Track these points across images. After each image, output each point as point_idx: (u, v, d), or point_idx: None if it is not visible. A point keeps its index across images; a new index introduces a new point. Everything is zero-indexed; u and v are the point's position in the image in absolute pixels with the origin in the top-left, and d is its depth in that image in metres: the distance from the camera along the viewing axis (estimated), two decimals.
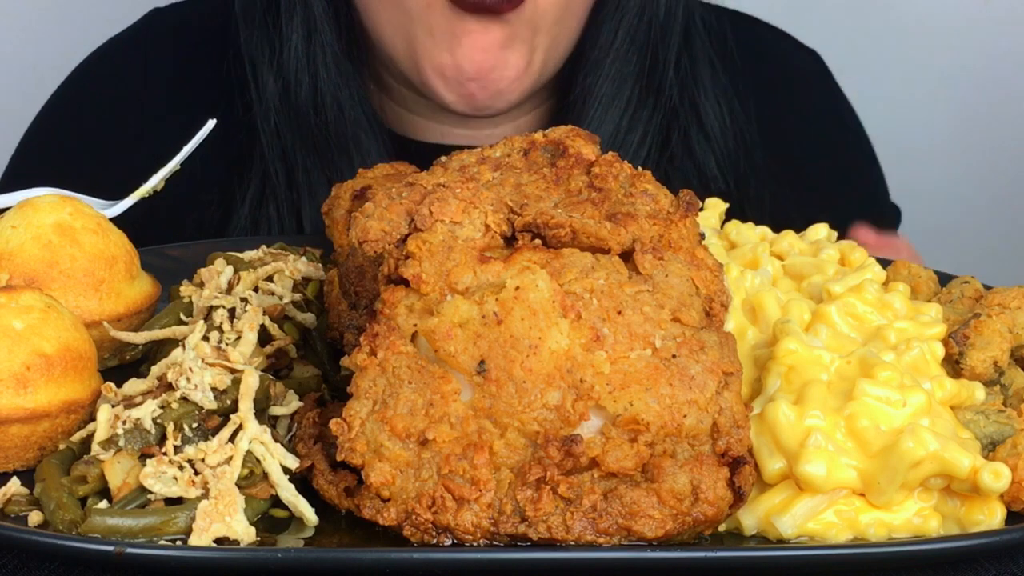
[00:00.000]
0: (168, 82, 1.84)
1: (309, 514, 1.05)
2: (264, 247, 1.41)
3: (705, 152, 1.76)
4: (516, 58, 1.61)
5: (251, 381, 1.11)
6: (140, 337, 1.25)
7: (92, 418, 1.11)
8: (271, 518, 1.06)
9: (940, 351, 1.15)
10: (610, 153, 1.14)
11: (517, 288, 1.02)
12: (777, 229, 1.37)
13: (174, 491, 1.04)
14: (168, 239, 1.55)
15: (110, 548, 0.96)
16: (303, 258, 1.38)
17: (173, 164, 1.43)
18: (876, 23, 2.70)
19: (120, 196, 1.43)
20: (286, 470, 1.07)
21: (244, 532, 1.01)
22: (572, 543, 0.99)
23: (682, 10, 1.73)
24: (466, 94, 1.62)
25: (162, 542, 1.01)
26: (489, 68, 1.59)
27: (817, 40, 1.97)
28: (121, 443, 1.07)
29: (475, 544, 1.00)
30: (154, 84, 1.84)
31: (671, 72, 1.73)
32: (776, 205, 1.77)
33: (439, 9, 1.58)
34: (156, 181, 1.43)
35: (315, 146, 1.71)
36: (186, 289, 1.33)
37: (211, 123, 1.44)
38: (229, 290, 1.31)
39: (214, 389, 1.10)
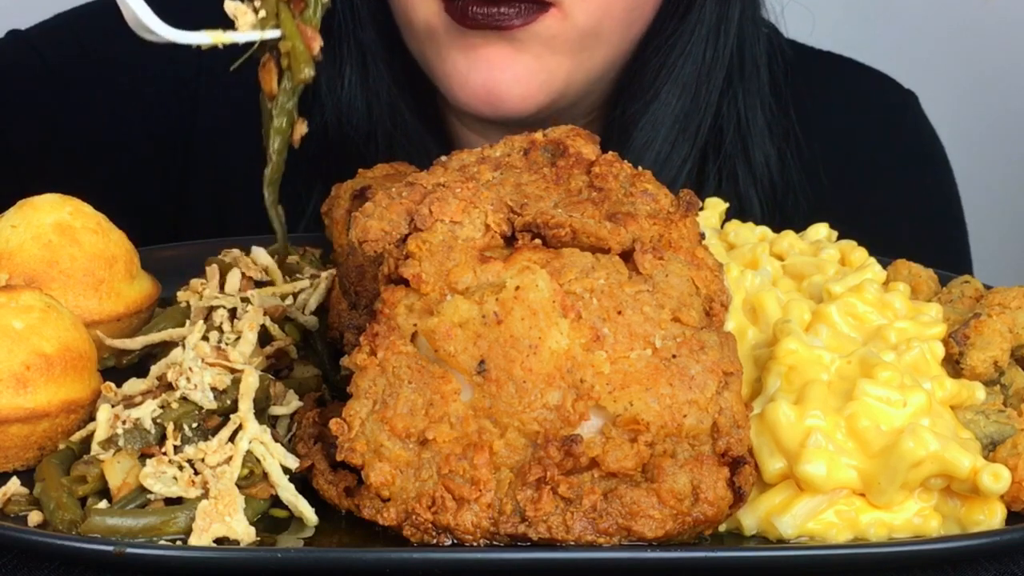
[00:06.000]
0: None
1: (309, 514, 1.05)
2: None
3: (748, 190, 1.72)
4: (527, 73, 1.55)
5: (251, 381, 1.11)
6: (136, 343, 1.26)
7: (92, 418, 1.11)
8: (271, 518, 1.06)
9: (940, 351, 1.15)
10: (610, 153, 1.14)
11: (517, 288, 1.01)
12: None
13: (174, 491, 1.04)
14: (168, 239, 1.55)
15: (110, 548, 0.96)
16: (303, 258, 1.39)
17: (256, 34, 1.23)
18: (876, 23, 2.70)
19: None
20: (286, 470, 1.07)
21: (244, 532, 1.01)
22: (572, 543, 0.99)
23: (731, 54, 1.69)
24: (476, 110, 1.58)
25: (162, 542, 1.01)
26: (495, 82, 1.53)
27: (817, 40, 1.97)
28: (121, 443, 1.07)
29: (475, 544, 1.00)
30: None
31: (710, 117, 1.69)
32: None
33: (442, 27, 1.54)
34: (234, 36, 1.23)
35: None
36: (184, 294, 1.33)
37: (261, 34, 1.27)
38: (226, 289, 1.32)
39: (214, 389, 1.10)
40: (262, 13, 1.18)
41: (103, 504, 1.04)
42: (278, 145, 1.25)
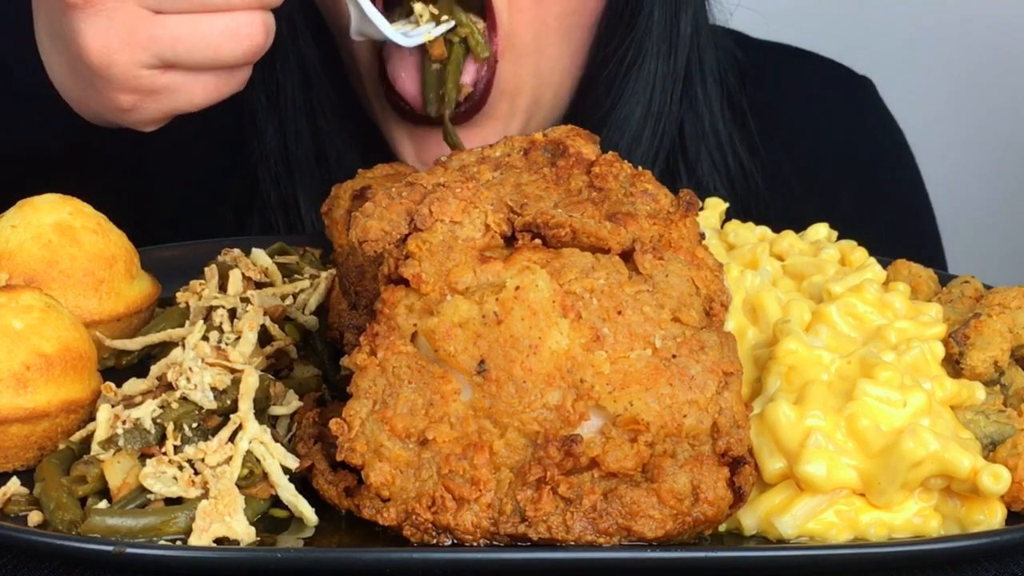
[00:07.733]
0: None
1: (309, 514, 1.05)
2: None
3: (720, 191, 1.70)
4: (489, 134, 1.52)
5: (251, 381, 1.11)
6: (136, 343, 1.26)
7: (92, 418, 1.11)
8: (271, 518, 1.06)
9: (940, 351, 1.15)
10: (610, 153, 1.14)
11: (517, 288, 1.01)
12: None
13: (174, 491, 1.04)
14: (168, 239, 1.55)
15: (110, 548, 0.96)
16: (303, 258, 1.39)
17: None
18: (875, 22, 2.70)
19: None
20: (286, 470, 1.07)
21: (244, 532, 1.01)
22: (572, 543, 0.99)
23: (685, 62, 1.66)
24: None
25: (162, 542, 1.01)
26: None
27: (818, 39, 1.97)
28: (121, 443, 1.07)
29: (475, 544, 1.00)
30: None
31: (670, 128, 1.67)
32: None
33: (387, 108, 1.54)
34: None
35: (318, 196, 1.61)
36: (183, 295, 1.33)
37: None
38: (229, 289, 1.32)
39: (214, 389, 1.10)
40: (431, 9, 1.50)
41: (103, 504, 1.04)
42: (451, 98, 1.51)
